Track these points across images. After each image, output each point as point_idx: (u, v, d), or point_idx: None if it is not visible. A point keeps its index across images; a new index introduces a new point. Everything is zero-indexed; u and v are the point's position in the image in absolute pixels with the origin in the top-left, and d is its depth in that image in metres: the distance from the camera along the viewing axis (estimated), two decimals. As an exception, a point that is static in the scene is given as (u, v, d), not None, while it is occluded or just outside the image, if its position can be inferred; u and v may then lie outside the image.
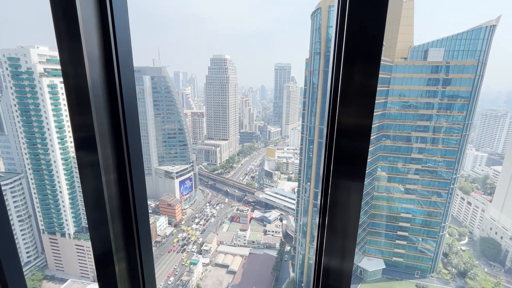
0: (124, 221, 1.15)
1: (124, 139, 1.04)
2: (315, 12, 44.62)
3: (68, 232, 68.94)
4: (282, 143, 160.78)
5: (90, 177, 1.03)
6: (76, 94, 0.92)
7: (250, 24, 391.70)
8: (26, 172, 66.30)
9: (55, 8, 0.85)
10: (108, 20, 0.93)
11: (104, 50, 0.96)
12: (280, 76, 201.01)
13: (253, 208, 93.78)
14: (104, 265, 1.16)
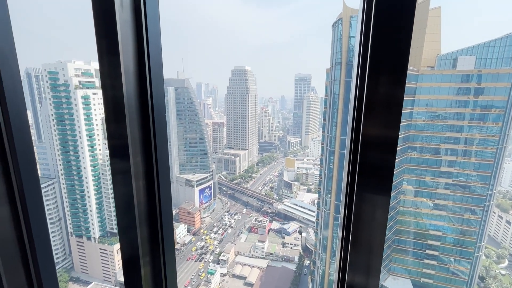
0: (150, 227, 1.20)
1: (153, 148, 1.10)
2: (336, 22, 44.57)
3: (94, 235, 71.93)
4: (302, 154, 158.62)
5: (121, 183, 1.08)
6: (113, 104, 0.99)
7: (271, 36, 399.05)
8: (59, 177, 70.79)
9: (98, 28, 0.91)
10: (143, 37, 1.01)
11: (138, 64, 1.03)
12: (300, 86, 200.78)
13: (271, 219, 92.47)
14: (131, 268, 1.20)
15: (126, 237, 1.17)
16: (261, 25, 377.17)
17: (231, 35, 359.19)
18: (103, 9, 0.91)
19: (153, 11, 1.01)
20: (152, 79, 1.05)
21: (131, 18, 0.98)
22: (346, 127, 31.98)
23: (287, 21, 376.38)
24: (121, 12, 0.92)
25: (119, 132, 1.00)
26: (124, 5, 0.94)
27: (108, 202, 72.11)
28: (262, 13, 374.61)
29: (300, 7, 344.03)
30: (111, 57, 0.94)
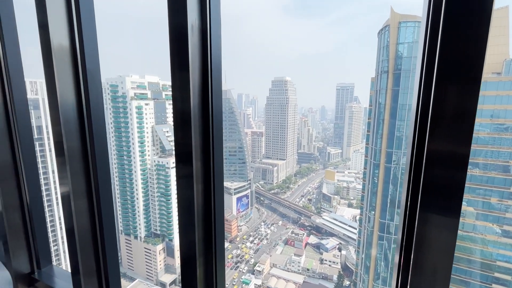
0: (205, 229, 1.30)
1: (211, 155, 1.22)
2: (383, 29, 42.57)
3: (140, 235, 77.61)
4: (343, 166, 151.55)
5: (185, 186, 1.22)
6: (181, 115, 1.14)
7: (312, 46, 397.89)
8: (114, 179, 78.68)
9: (173, 47, 1.08)
10: (207, 56, 1.15)
11: (202, 79, 1.17)
12: (342, 96, 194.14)
13: (309, 233, 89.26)
14: (189, 267, 1.31)
15: (186, 237, 1.29)
16: (302, 36, 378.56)
17: (272, 46, 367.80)
18: (178, 32, 1.08)
19: (216, 34, 1.16)
20: (213, 92, 1.19)
21: (199, 40, 1.13)
22: (392, 139, 29.82)
23: (329, 30, 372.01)
24: (191, 35, 1.08)
25: (185, 140, 1.14)
26: (194, 29, 1.10)
27: (154, 205, 77.45)
28: (303, 24, 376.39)
29: (342, 16, 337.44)
30: (182, 73, 1.10)
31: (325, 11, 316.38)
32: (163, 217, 77.09)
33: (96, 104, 1.81)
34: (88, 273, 1.91)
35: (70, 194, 1.78)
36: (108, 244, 1.99)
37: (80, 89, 1.76)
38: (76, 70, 1.74)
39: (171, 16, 1.08)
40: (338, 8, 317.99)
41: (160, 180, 75.11)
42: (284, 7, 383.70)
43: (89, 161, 1.86)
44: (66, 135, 1.71)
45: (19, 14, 2.48)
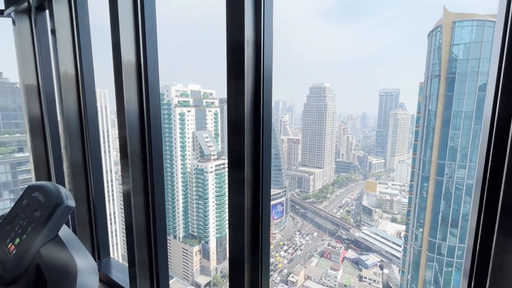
0: (253, 234, 1.36)
1: (261, 160, 1.27)
2: (434, 30, 39.33)
3: (179, 235, 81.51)
4: (386, 177, 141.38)
5: (236, 191, 1.29)
6: (235, 122, 1.23)
7: (353, 51, 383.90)
8: (164, 179, 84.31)
9: (230, 58, 1.17)
10: (260, 66, 1.22)
11: (255, 88, 1.24)
12: (385, 102, 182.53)
13: (347, 247, 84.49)
14: (237, 271, 1.37)
15: (235, 242, 1.36)
16: (343, 41, 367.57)
17: (310, 53, 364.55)
18: (235, 46, 1.18)
19: (268, 47, 1.23)
20: (264, 101, 1.25)
21: (253, 52, 1.21)
22: (445, 150, 27.00)
23: (372, 34, 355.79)
24: (247, 48, 1.16)
25: (238, 146, 1.22)
26: (249, 43, 1.18)
27: (192, 207, 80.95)
28: (344, 29, 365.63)
29: (387, 18, 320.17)
30: (237, 82, 1.19)
31: (367, 15, 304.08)
32: (200, 219, 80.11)
33: (155, 112, 2.01)
34: (143, 266, 2.09)
35: (131, 192, 1.99)
36: (159, 239, 2.15)
37: (142, 99, 1.98)
38: (139, 81, 1.96)
39: (230, 31, 1.19)
40: (382, 10, 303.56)
41: (199, 183, 78.45)
42: (323, 13, 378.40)
43: (147, 163, 2.06)
44: (129, 139, 1.93)
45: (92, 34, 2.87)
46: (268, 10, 1.23)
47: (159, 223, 2.14)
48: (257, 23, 1.20)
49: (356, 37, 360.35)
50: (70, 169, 2.78)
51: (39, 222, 0.84)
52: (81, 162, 2.77)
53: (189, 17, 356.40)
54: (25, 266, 0.80)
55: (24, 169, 49.50)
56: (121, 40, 1.83)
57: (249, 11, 1.16)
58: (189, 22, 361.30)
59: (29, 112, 3.49)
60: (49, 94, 3.43)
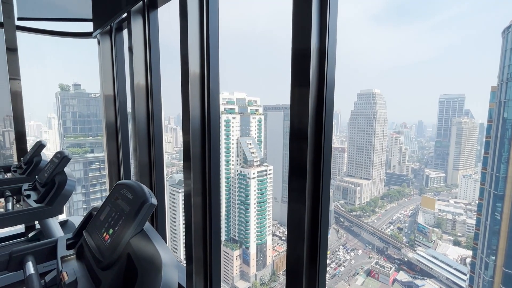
0: (311, 244, 1.35)
1: (322, 169, 1.27)
2: (510, 27, 34.16)
3: (221, 238, 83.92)
4: (447, 193, 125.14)
5: (296, 200, 1.31)
6: (298, 129, 1.25)
7: (409, 55, 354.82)
8: (220, 182, 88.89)
9: (295, 66, 1.21)
10: (324, 74, 1.23)
11: (318, 95, 1.25)
12: (447, 109, 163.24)
13: (398, 268, 76.66)
14: (296, 281, 1.37)
15: (294, 252, 1.36)
16: (397, 45, 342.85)
17: (361, 58, 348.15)
18: (300, 54, 1.22)
19: (332, 55, 1.24)
20: (327, 109, 1.25)
21: (316, 60, 1.23)
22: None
23: (432, 35, 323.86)
24: (312, 56, 1.18)
25: (300, 154, 1.24)
26: (314, 51, 1.20)
27: (234, 212, 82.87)
28: (398, 32, 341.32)
29: (446, 18, 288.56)
30: (302, 89, 1.22)
31: (426, 14, 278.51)
32: (241, 224, 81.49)
33: (215, 119, 2.16)
34: (199, 263, 2.22)
35: (191, 192, 2.15)
36: (214, 238, 2.27)
37: (204, 106, 2.14)
38: (202, 91, 2.13)
39: (296, 40, 1.23)
40: (438, 11, 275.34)
41: (241, 189, 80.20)
42: (373, 17, 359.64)
43: (206, 166, 2.20)
44: (192, 143, 2.10)
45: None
46: (333, 18, 1.24)
47: (214, 223, 2.26)
48: (322, 32, 1.21)
49: (413, 39, 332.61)
50: (137, 169, 3.12)
51: (129, 216, 0.93)
52: (147, 162, 3.09)
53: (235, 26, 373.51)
54: (118, 254, 0.90)
55: (94, 167, 56.81)
56: (189, 53, 2.02)
57: (315, 20, 1.18)
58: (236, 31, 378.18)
59: (106, 118, 4.05)
60: (122, 103, 3.94)
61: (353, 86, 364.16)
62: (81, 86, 59.36)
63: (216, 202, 2.23)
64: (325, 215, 1.34)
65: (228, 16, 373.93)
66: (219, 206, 2.25)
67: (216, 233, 2.26)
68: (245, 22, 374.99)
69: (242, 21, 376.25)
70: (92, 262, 1.01)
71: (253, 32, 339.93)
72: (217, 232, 2.25)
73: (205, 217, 2.21)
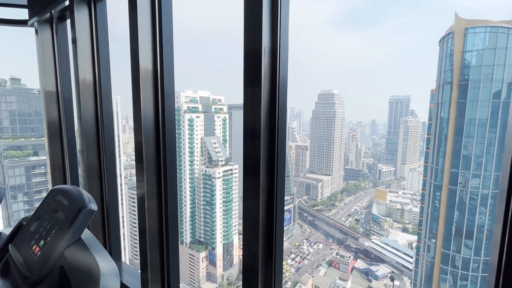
0: (267, 241, 1.36)
1: (276, 167, 1.28)
2: (445, 37, 38.84)
3: (185, 241, 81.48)
4: (396, 185, 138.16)
5: (251, 198, 1.30)
6: (252, 128, 1.24)
7: (363, 59, 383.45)
8: (177, 184, 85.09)
9: (247, 66, 1.19)
10: (276, 74, 1.24)
11: (271, 95, 1.26)
12: (395, 109, 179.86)
13: (356, 256, 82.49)
14: (251, 281, 1.36)
15: (249, 249, 1.36)
16: (352, 49, 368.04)
17: (320, 60, 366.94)
18: (252, 54, 1.21)
19: (284, 55, 1.25)
20: (280, 108, 1.27)
21: (269, 60, 1.24)
22: (458, 158, 26.38)
23: (382, 42, 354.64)
24: (264, 56, 1.19)
25: (254, 152, 1.23)
26: (266, 51, 1.21)
27: (199, 212, 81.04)
28: (354, 37, 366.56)
29: (396, 26, 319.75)
30: (254, 89, 1.21)
31: (377, 23, 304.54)
32: (207, 225, 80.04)
33: (170, 118, 2.06)
34: (155, 270, 2.11)
35: (145, 196, 2.02)
36: (171, 243, 2.17)
37: (158, 105, 2.03)
38: (156, 89, 2.02)
39: (247, 40, 1.22)
40: (389, 20, 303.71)
41: (206, 189, 78.70)
42: (331, 21, 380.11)
43: (161, 167, 2.09)
44: (145, 144, 1.98)
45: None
46: (285, 18, 1.26)
47: (171, 227, 2.16)
48: (274, 32, 1.23)
49: (366, 45, 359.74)
50: (85, 173, 2.85)
51: (63, 225, 0.85)
52: (96, 166, 2.84)
53: (198, 25, 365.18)
54: (49, 268, 0.82)
55: (38, 172, 50.70)
56: (140, 48, 1.90)
57: (266, 20, 1.19)
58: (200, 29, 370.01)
59: (48, 117, 3.62)
60: (67, 100, 3.55)
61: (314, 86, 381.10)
62: (21, 81, 52.53)
63: (173, 204, 2.13)
64: (280, 212, 1.36)
65: (192, 13, 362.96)
66: (176, 209, 2.16)
67: (174, 237, 2.16)
68: (210, 20, 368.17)
69: (206, 19, 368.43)
70: (18, 279, 0.88)
71: (218, 30, 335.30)
72: (174, 236, 2.16)
73: (161, 221, 2.11)
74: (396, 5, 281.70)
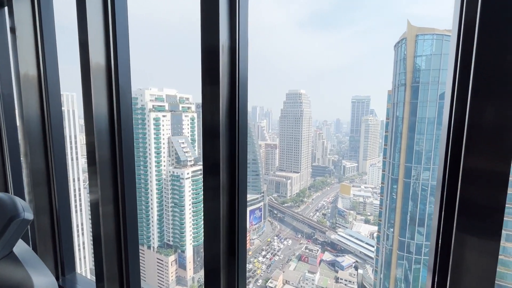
0: (229, 241, 1.33)
1: (237, 166, 1.26)
2: (399, 42, 42.22)
3: (153, 245, 78.07)
4: (359, 180, 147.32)
5: (212, 198, 1.26)
6: (211, 127, 1.21)
7: (328, 60, 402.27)
8: (136, 187, 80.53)
9: (204, 63, 1.16)
10: (236, 71, 1.22)
11: (230, 93, 1.24)
12: (357, 108, 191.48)
13: (323, 249, 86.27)
14: (213, 281, 1.33)
15: (210, 249, 1.32)
16: (317, 51, 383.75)
17: (287, 61, 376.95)
18: (210, 51, 1.17)
19: (244, 52, 1.23)
20: (240, 107, 1.25)
21: (228, 58, 1.21)
22: (411, 153, 28.87)
23: (345, 45, 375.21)
24: (222, 53, 1.16)
25: (214, 152, 1.20)
26: (224, 48, 1.18)
27: (168, 215, 78.19)
28: (319, 39, 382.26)
29: (358, 30, 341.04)
30: (212, 87, 1.17)
31: (339, 27, 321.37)
32: (176, 227, 77.53)
33: (126, 117, 1.92)
34: (112, 280, 1.97)
35: (99, 201, 1.87)
36: (131, 251, 2.04)
37: (113, 103, 1.89)
38: (110, 85, 1.87)
39: (204, 37, 1.17)
40: (351, 24, 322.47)
41: (175, 190, 76.14)
42: (298, 23, 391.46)
43: (117, 170, 1.95)
44: (98, 145, 1.83)
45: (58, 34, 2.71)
46: (243, 16, 1.24)
47: (130, 233, 2.03)
48: (232, 29, 1.20)
49: (330, 47, 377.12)
50: (30, 178, 2.55)
51: None
52: (43, 170, 2.56)
53: (165, 20, 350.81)
54: None
55: (-23, 179, 44.60)
56: (89, 40, 1.74)
57: (224, 17, 1.16)
58: (166, 25, 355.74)
59: (-17, 116, 3.17)
60: (7, 97, 3.15)
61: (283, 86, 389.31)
62: (-48, 75, 45.67)
63: (131, 209, 2.00)
64: (242, 211, 1.35)
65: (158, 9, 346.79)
66: (136, 214, 2.03)
67: (133, 243, 2.03)
68: (176, 16, 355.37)
69: (171, 15, 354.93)
70: None
71: (185, 26, 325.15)
72: (134, 242, 2.03)
73: (118, 227, 1.96)
74: (358, 10, 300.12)
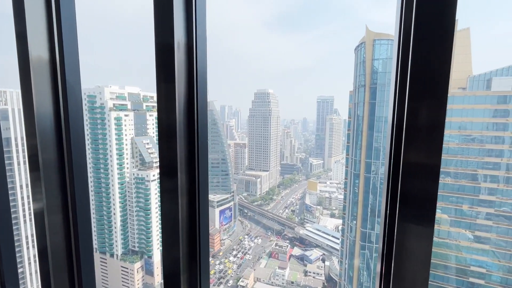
0: (190, 244, 1.28)
1: (197, 167, 1.22)
2: (359, 46, 44.98)
3: (116, 253, 73.32)
4: (325, 176, 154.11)
5: (169, 200, 1.20)
6: (167, 126, 1.15)
7: (294, 61, 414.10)
8: (89, 193, 74.59)
9: (159, 61, 1.10)
10: (193, 70, 1.18)
11: (188, 91, 1.19)
12: (322, 108, 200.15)
13: (292, 245, 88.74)
14: (172, 284, 1.27)
15: (169, 254, 1.26)
16: (285, 51, 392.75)
17: (255, 61, 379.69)
18: (164, 49, 1.10)
19: (202, 50, 1.19)
20: (199, 105, 1.20)
21: (185, 56, 1.16)
22: (371, 150, 31.05)
23: (310, 47, 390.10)
24: (178, 51, 1.10)
25: (170, 152, 1.14)
26: (180, 46, 1.13)
27: (132, 220, 74.00)
28: (285, 41, 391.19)
29: (323, 33, 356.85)
30: (167, 85, 1.11)
31: (305, 29, 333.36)
32: (142, 232, 73.69)
33: (75, 116, 1.76)
34: (61, 296, 1.79)
35: (44, 211, 1.69)
36: (84, 263, 1.88)
37: (59, 101, 1.71)
38: (55, 82, 1.69)
39: (158, 34, 1.11)
40: (317, 26, 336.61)
41: (140, 193, 72.26)
42: (266, 24, 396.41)
43: (66, 175, 1.78)
44: (41, 148, 1.64)
45: (-6, 23, 2.39)
46: (201, 14, 1.20)
47: (83, 243, 1.86)
48: (189, 27, 1.15)
49: (296, 48, 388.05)
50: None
51: None
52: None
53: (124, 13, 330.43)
54: None
55: None
56: (28, 31, 1.55)
57: (179, 14, 1.10)
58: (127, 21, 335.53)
59: None
60: None
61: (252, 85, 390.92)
62: None
63: (84, 217, 1.84)
64: (204, 212, 1.31)
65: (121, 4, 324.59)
66: (90, 223, 1.87)
67: (87, 254, 1.87)
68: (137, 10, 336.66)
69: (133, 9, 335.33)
70: None
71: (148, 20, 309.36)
72: (87, 254, 1.87)
73: (69, 238, 1.79)
74: (322, 14, 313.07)
